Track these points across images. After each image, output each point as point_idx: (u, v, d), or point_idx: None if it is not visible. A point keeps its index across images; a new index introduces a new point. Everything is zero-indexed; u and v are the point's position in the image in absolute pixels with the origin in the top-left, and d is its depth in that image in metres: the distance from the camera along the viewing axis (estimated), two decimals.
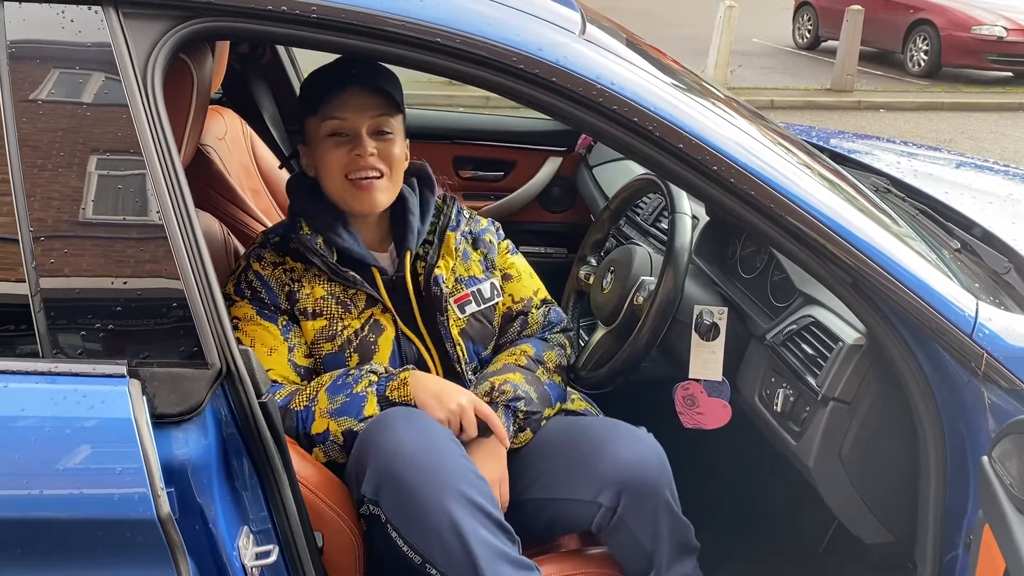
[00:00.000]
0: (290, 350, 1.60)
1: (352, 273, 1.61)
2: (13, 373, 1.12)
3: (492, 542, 1.42)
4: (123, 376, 1.11)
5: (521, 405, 1.65)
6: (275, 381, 1.57)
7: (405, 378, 1.56)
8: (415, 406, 1.53)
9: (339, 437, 1.53)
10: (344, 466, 1.56)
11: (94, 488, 1.10)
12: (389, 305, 1.64)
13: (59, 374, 1.12)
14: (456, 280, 1.72)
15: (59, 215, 1.13)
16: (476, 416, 1.56)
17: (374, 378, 1.57)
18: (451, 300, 1.69)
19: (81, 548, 1.12)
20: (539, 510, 1.65)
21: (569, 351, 1.85)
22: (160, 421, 1.12)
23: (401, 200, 1.69)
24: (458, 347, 1.69)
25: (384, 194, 1.62)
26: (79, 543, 1.11)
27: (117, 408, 1.09)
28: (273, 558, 1.22)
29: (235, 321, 1.57)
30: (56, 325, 1.13)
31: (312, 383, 1.59)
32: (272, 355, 1.58)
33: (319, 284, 1.62)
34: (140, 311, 1.15)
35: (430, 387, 1.56)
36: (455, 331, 1.69)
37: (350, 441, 1.52)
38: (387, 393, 1.54)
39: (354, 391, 1.54)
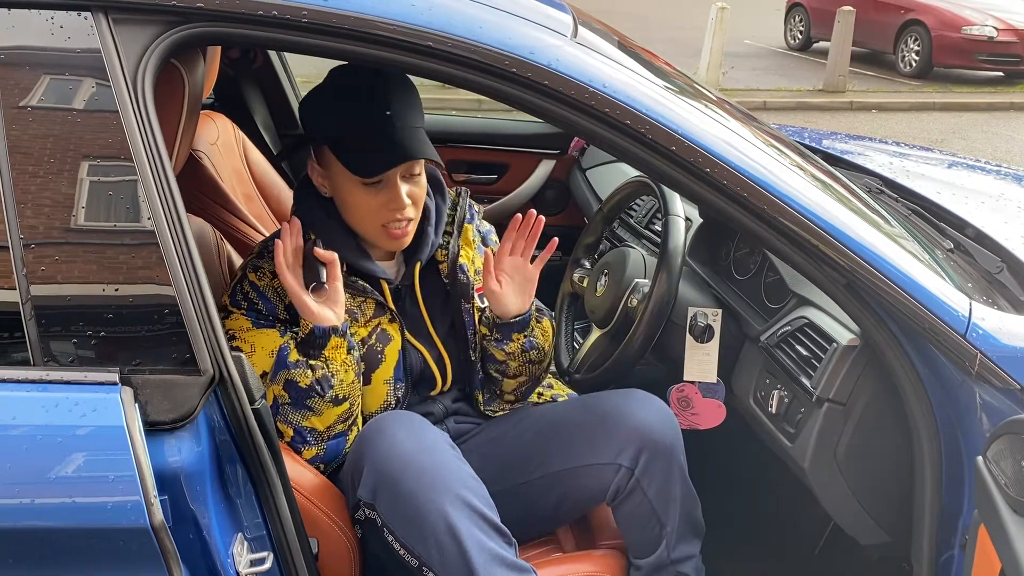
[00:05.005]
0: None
1: (362, 282, 1.60)
2: (4, 381, 1.11)
3: (488, 545, 1.42)
4: (115, 383, 1.11)
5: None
6: None
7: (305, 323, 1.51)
8: (319, 332, 1.48)
9: (284, 395, 1.49)
10: (339, 472, 1.56)
11: (87, 497, 1.09)
12: (397, 314, 1.63)
13: (51, 382, 1.11)
14: (475, 272, 1.73)
15: (50, 222, 1.13)
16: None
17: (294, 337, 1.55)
18: (473, 289, 1.71)
19: (74, 557, 1.11)
20: (551, 486, 1.65)
21: (552, 336, 1.81)
22: (153, 428, 1.11)
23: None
24: (478, 335, 1.70)
25: (412, 232, 1.60)
26: (72, 552, 1.11)
27: (109, 416, 1.09)
28: (268, 565, 1.22)
29: (231, 332, 1.54)
30: (47, 332, 1.12)
31: None
32: (274, 357, 1.56)
33: None
34: (132, 318, 1.14)
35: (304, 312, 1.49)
36: (477, 317, 1.71)
37: (295, 394, 1.49)
38: (300, 337, 1.51)
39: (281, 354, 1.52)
